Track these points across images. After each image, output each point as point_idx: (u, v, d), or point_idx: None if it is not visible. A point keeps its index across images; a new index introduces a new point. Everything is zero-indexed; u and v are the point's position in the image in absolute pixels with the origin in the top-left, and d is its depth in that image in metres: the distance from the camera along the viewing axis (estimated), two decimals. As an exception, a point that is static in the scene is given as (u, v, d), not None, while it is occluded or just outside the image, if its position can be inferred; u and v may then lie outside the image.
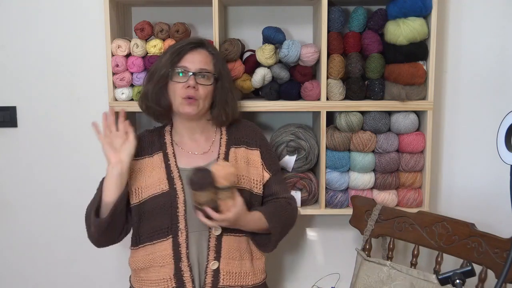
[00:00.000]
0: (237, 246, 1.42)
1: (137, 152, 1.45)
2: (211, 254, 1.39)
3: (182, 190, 1.40)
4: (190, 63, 1.42)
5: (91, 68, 1.84)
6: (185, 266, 1.37)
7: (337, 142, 1.68)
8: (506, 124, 0.93)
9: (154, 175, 1.43)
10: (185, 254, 1.37)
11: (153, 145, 1.49)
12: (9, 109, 1.88)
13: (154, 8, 1.82)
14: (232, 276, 1.40)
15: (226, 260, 1.40)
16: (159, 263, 1.39)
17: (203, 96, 1.42)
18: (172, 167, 1.44)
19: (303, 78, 1.68)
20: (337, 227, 1.92)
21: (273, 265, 1.95)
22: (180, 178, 1.42)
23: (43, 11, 1.83)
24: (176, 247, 1.38)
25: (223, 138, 1.51)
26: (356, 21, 1.66)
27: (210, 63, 1.45)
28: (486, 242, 1.38)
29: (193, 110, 1.42)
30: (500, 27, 1.81)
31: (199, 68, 1.42)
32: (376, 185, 1.72)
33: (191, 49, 1.44)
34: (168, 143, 1.49)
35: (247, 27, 1.83)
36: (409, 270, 1.48)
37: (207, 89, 1.43)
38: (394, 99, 1.65)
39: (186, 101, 1.41)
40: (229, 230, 1.40)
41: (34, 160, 1.91)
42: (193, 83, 1.40)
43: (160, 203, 1.39)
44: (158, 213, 1.39)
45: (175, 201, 1.39)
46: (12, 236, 1.95)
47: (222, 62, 1.50)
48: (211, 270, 1.38)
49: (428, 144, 1.67)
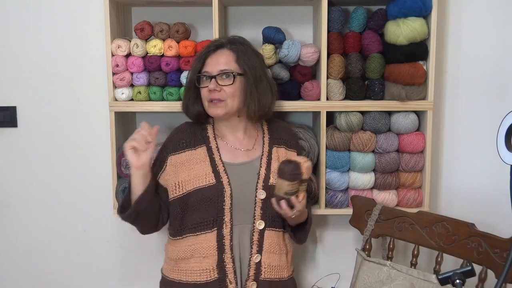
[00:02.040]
0: (277, 241, 1.47)
1: (177, 145, 1.49)
2: (254, 247, 1.43)
3: (228, 183, 1.43)
4: (210, 67, 1.45)
5: (91, 68, 1.84)
6: (228, 258, 1.41)
7: (337, 142, 1.68)
8: (506, 124, 0.93)
9: (198, 168, 1.45)
10: (228, 246, 1.42)
11: (195, 137, 1.51)
12: (9, 109, 1.88)
13: (154, 8, 1.82)
14: (272, 269, 1.45)
15: (267, 254, 1.44)
16: (202, 254, 1.42)
17: (230, 95, 1.43)
18: (217, 161, 1.46)
19: (303, 78, 1.68)
20: (337, 227, 1.92)
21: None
22: (225, 172, 1.45)
23: (43, 11, 1.83)
24: (220, 239, 1.42)
25: (265, 137, 1.54)
26: (356, 21, 1.66)
27: (232, 61, 1.45)
28: (486, 242, 1.38)
29: (220, 111, 1.44)
30: (500, 27, 1.81)
31: (219, 70, 1.43)
32: (376, 185, 1.72)
33: (210, 53, 1.46)
34: (211, 137, 1.51)
35: (247, 27, 1.83)
36: (409, 270, 1.48)
37: (232, 88, 1.43)
38: (394, 99, 1.65)
39: (212, 103, 1.44)
40: (271, 225, 1.46)
41: (34, 160, 1.91)
42: (214, 86, 1.42)
43: (207, 195, 1.42)
44: (204, 206, 1.42)
45: (222, 194, 1.42)
46: (12, 236, 1.95)
47: (249, 56, 1.46)
48: (254, 263, 1.43)
49: (428, 144, 1.67)
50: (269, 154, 1.50)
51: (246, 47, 1.49)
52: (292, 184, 1.32)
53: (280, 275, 1.47)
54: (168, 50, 1.65)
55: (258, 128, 1.57)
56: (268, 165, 1.48)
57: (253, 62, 1.46)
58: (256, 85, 1.45)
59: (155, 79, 1.68)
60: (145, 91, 1.69)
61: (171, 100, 1.69)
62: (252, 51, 1.49)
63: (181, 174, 1.45)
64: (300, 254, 1.96)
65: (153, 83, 1.69)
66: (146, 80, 1.69)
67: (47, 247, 1.96)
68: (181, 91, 1.68)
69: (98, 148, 1.87)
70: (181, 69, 1.68)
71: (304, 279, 1.96)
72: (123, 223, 1.69)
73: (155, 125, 1.56)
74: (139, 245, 1.94)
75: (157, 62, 1.66)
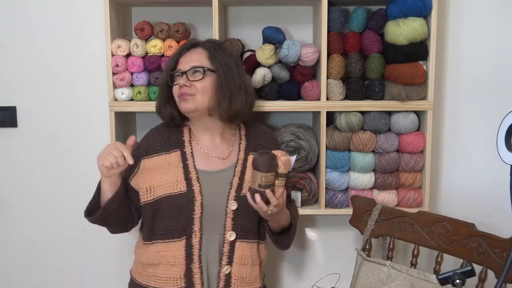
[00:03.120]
0: (249, 253, 1.44)
1: (151, 148, 1.46)
2: (224, 259, 1.40)
3: (200, 192, 1.40)
4: (182, 64, 1.43)
5: (91, 68, 1.84)
6: (196, 268, 1.38)
7: (337, 142, 1.68)
8: (506, 124, 0.93)
9: (170, 173, 1.42)
10: (197, 256, 1.39)
11: (170, 140, 1.48)
12: (9, 109, 1.88)
13: (154, 8, 1.82)
14: (243, 281, 1.42)
15: (238, 265, 1.41)
16: (170, 262, 1.40)
17: (200, 90, 1.39)
18: (190, 168, 1.43)
19: (303, 78, 1.68)
20: (337, 227, 1.92)
21: (273, 266, 1.95)
22: (198, 180, 1.41)
23: (43, 11, 1.83)
24: (189, 248, 1.39)
25: (242, 144, 1.51)
26: (356, 21, 1.66)
27: (204, 58, 1.43)
28: (486, 242, 1.38)
29: (190, 105, 1.40)
30: (500, 27, 1.81)
31: (189, 66, 1.42)
32: (376, 185, 1.72)
33: (184, 52, 1.46)
34: (186, 141, 1.48)
35: (247, 27, 1.83)
36: (409, 270, 1.48)
37: (202, 83, 1.40)
38: (394, 99, 1.65)
39: (182, 98, 1.41)
40: (242, 236, 1.42)
41: (34, 160, 1.91)
42: (184, 81, 1.40)
43: (177, 203, 1.39)
44: (174, 213, 1.40)
45: (193, 203, 1.39)
46: (11, 236, 1.95)
47: (222, 55, 1.44)
48: (224, 275, 1.40)
49: (428, 144, 1.67)
50: (244, 162, 1.47)
51: (222, 47, 1.48)
52: (267, 175, 1.28)
53: (251, 287, 1.45)
54: (168, 50, 1.65)
55: (236, 133, 1.53)
56: (242, 174, 1.44)
57: (226, 61, 1.43)
58: (227, 83, 1.40)
59: (155, 79, 1.68)
60: (145, 91, 1.69)
61: (171, 100, 1.68)
62: (228, 52, 1.48)
63: (153, 178, 1.42)
64: (300, 254, 1.96)
65: (153, 83, 1.69)
66: (146, 80, 1.69)
67: (47, 247, 1.96)
68: (181, 91, 1.68)
69: (98, 148, 1.84)
70: (181, 69, 1.68)
71: (304, 279, 1.96)
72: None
73: (154, 126, 1.56)
74: (139, 245, 1.94)
75: (157, 62, 1.66)
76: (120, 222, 1.48)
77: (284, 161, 1.32)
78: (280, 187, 1.34)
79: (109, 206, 1.39)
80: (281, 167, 1.31)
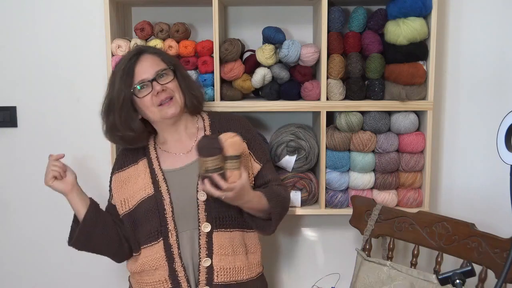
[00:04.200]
0: (229, 242, 1.42)
1: (121, 163, 1.50)
2: (202, 251, 1.39)
3: (167, 191, 1.41)
4: (143, 74, 1.40)
5: (91, 68, 1.84)
6: (179, 266, 1.38)
7: (337, 142, 1.68)
8: (506, 124, 0.93)
9: (139, 181, 1.44)
10: (177, 254, 1.39)
11: (137, 152, 1.50)
12: (9, 109, 1.88)
13: (154, 8, 1.82)
14: (226, 272, 1.40)
15: (218, 256, 1.40)
16: (153, 266, 1.40)
17: (175, 90, 1.42)
18: (156, 171, 1.44)
19: (303, 78, 1.68)
20: (337, 227, 1.92)
21: (273, 265, 1.95)
22: (164, 180, 1.42)
23: (43, 11, 1.83)
24: (168, 248, 1.39)
25: (206, 133, 1.50)
26: (356, 21, 1.66)
27: (160, 61, 1.44)
28: (486, 242, 1.38)
29: (176, 108, 1.42)
30: (500, 27, 1.80)
31: (154, 71, 1.41)
32: (376, 185, 1.72)
33: (135, 62, 1.42)
34: (151, 148, 1.50)
35: (247, 27, 1.83)
36: (409, 270, 1.48)
37: (174, 83, 1.43)
38: (394, 99, 1.65)
39: (165, 105, 1.40)
40: (219, 226, 1.40)
41: (34, 160, 1.91)
42: (160, 87, 1.39)
43: (148, 207, 1.40)
44: (147, 217, 1.41)
45: (162, 203, 1.40)
46: (11, 236, 1.95)
47: (168, 56, 1.51)
48: (204, 267, 1.39)
49: (428, 144, 1.67)
50: None
51: (159, 50, 1.53)
52: (212, 160, 1.25)
53: (236, 278, 1.42)
54: (168, 50, 1.65)
55: (199, 125, 1.52)
56: None
57: (174, 60, 1.51)
58: (184, 77, 1.48)
59: (155, 79, 1.68)
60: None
61: (171, 100, 1.68)
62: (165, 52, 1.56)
63: (126, 190, 1.45)
64: (300, 254, 1.96)
65: (153, 83, 1.69)
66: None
67: (47, 247, 1.95)
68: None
69: (98, 148, 1.86)
70: (181, 69, 1.68)
71: (304, 279, 1.95)
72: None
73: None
74: (139, 245, 1.94)
75: (157, 62, 1.66)
76: (106, 246, 1.47)
77: (231, 143, 1.28)
78: (234, 170, 1.29)
79: (86, 224, 1.41)
80: (228, 149, 1.27)
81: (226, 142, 1.28)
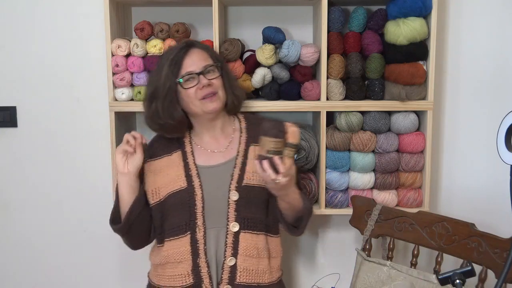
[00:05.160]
0: (254, 244, 1.43)
1: (154, 152, 1.50)
2: (228, 250, 1.41)
3: (200, 187, 1.42)
4: (192, 66, 1.43)
5: (91, 68, 1.84)
6: (203, 262, 1.40)
7: (337, 142, 1.68)
8: (506, 124, 0.93)
9: (172, 172, 1.45)
10: (203, 250, 1.40)
11: (171, 144, 1.51)
12: (9, 109, 1.88)
13: (154, 8, 1.82)
14: (249, 273, 1.41)
15: (243, 257, 1.41)
16: (177, 259, 1.41)
17: (220, 87, 1.45)
18: (190, 165, 1.46)
19: (303, 78, 1.67)
20: (337, 227, 1.92)
21: (273, 265, 1.95)
22: (198, 176, 1.44)
23: (43, 11, 1.83)
24: (194, 243, 1.40)
25: (242, 136, 1.52)
26: (356, 21, 1.66)
27: (208, 57, 1.47)
28: (486, 242, 1.38)
29: (218, 104, 1.44)
30: (500, 27, 1.80)
31: (202, 65, 1.43)
32: (376, 185, 1.72)
33: (185, 54, 1.44)
34: (187, 142, 1.51)
35: (247, 27, 1.83)
36: (409, 270, 1.48)
37: (219, 80, 1.46)
38: (394, 99, 1.65)
39: (208, 99, 1.42)
40: (246, 227, 1.42)
41: (34, 160, 1.91)
42: (206, 81, 1.42)
43: (178, 200, 1.42)
44: (177, 210, 1.42)
45: (193, 197, 1.41)
46: (11, 236, 1.95)
47: (215, 53, 1.54)
48: (228, 266, 1.40)
49: (428, 144, 1.67)
50: (245, 154, 1.48)
51: (208, 46, 1.54)
52: (276, 141, 1.26)
53: (258, 280, 1.43)
54: (168, 50, 1.65)
55: (235, 126, 1.55)
56: (243, 166, 1.45)
57: (221, 58, 1.54)
58: (229, 77, 1.51)
59: (155, 79, 1.68)
60: (145, 91, 1.69)
61: (171, 100, 1.68)
62: (214, 50, 1.57)
63: (158, 180, 1.45)
64: (300, 254, 1.96)
65: (153, 83, 1.69)
66: (146, 80, 1.69)
67: (47, 247, 1.95)
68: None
69: (98, 148, 1.87)
70: (181, 69, 1.68)
71: (304, 279, 1.96)
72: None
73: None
74: (139, 245, 1.94)
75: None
76: (143, 232, 1.48)
77: (293, 132, 1.30)
78: (289, 158, 1.31)
79: (133, 211, 1.40)
80: (290, 136, 1.29)
81: (289, 130, 1.30)
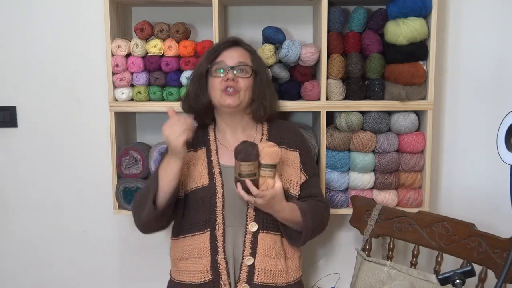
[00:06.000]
0: (272, 244, 1.44)
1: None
2: (246, 250, 1.42)
3: (221, 185, 1.44)
4: (227, 59, 1.46)
5: (91, 68, 1.84)
6: (221, 259, 1.41)
7: (337, 142, 1.68)
8: (506, 124, 0.93)
9: (196, 169, 1.47)
10: (221, 247, 1.41)
11: (197, 140, 1.52)
12: (9, 109, 1.88)
13: (154, 8, 1.82)
14: (266, 273, 1.43)
15: (261, 257, 1.42)
16: (197, 255, 1.43)
17: (244, 87, 1.45)
18: (214, 163, 1.47)
19: (303, 78, 1.68)
20: (337, 227, 1.92)
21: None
22: (220, 174, 1.46)
23: (43, 11, 1.83)
24: (213, 240, 1.42)
25: (264, 138, 1.53)
26: (356, 21, 1.66)
27: (248, 58, 1.49)
28: (486, 242, 1.38)
29: (234, 101, 1.44)
30: (500, 27, 1.81)
31: (237, 62, 1.45)
32: (376, 185, 1.72)
33: (227, 47, 1.48)
34: (211, 140, 1.52)
35: (247, 27, 1.83)
36: (409, 270, 1.48)
37: (247, 81, 1.46)
38: (394, 99, 1.65)
39: (226, 93, 1.43)
40: (265, 227, 1.44)
41: (34, 160, 1.91)
42: (232, 76, 1.43)
43: (200, 196, 1.44)
44: (198, 206, 1.44)
45: (214, 195, 1.43)
46: (11, 236, 1.95)
47: (259, 59, 1.54)
48: (246, 265, 1.41)
49: (428, 144, 1.67)
50: None
51: (253, 49, 1.55)
52: (246, 165, 1.28)
53: (276, 280, 1.44)
54: (168, 50, 1.65)
55: (257, 129, 1.56)
56: None
57: (263, 67, 1.54)
58: (263, 86, 1.50)
59: (155, 79, 1.68)
60: (145, 91, 1.69)
61: (171, 100, 1.69)
62: (260, 57, 1.56)
63: (183, 174, 1.46)
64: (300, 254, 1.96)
65: (153, 83, 1.69)
66: (146, 80, 1.69)
67: (47, 247, 1.96)
68: (181, 91, 1.68)
69: (98, 148, 1.87)
70: (181, 69, 1.68)
71: (304, 279, 1.95)
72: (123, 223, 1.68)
73: (154, 125, 1.56)
74: (139, 245, 1.94)
75: (157, 62, 1.66)
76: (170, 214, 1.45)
77: (269, 152, 1.31)
78: (267, 178, 1.32)
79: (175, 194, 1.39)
80: (264, 157, 1.31)
81: (263, 150, 1.31)
